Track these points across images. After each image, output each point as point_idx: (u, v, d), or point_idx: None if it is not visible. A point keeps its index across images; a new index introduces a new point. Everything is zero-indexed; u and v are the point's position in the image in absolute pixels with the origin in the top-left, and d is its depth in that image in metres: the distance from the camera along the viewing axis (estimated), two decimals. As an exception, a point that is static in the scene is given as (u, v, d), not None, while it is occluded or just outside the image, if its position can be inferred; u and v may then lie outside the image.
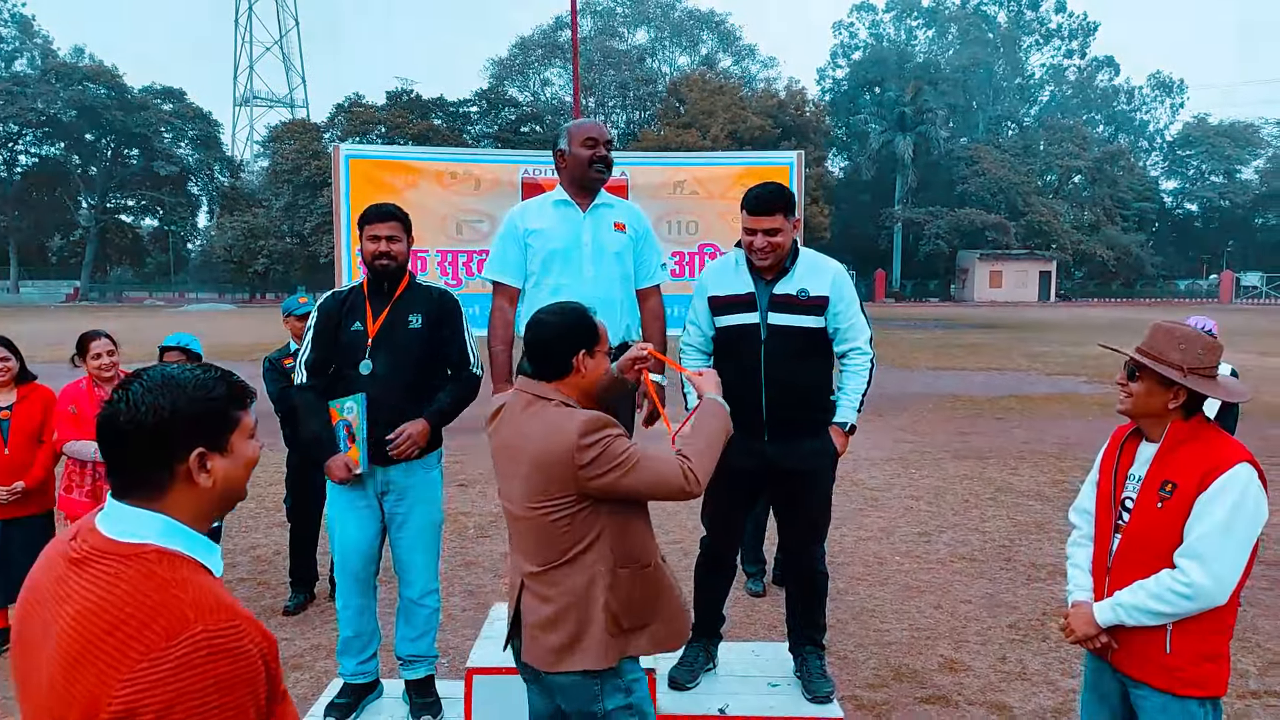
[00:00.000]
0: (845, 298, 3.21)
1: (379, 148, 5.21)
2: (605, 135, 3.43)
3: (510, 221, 3.49)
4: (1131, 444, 2.45)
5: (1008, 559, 5.66)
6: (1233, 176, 60.51)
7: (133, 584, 1.24)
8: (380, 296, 3.29)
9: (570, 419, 2.16)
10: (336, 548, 3.35)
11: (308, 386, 3.28)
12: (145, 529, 1.30)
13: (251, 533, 6.33)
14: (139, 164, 53.69)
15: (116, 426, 1.32)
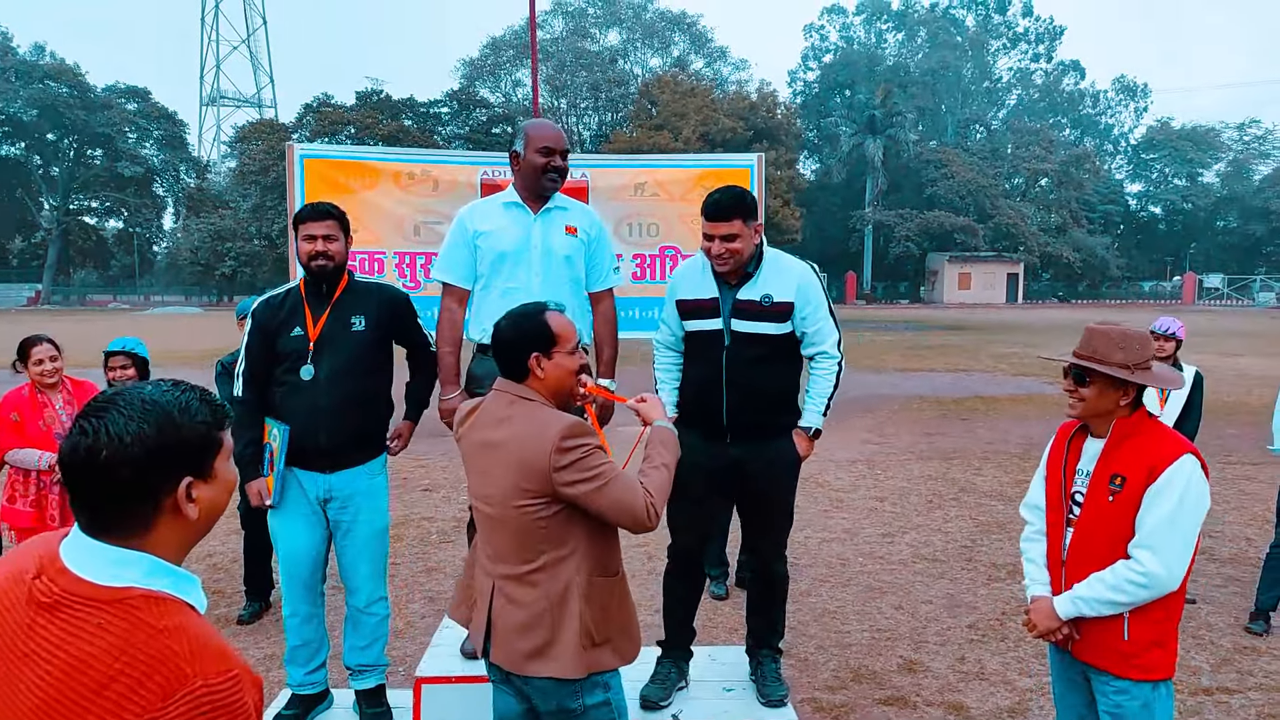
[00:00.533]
0: (812, 301, 3.17)
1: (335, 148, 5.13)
2: (562, 144, 3.37)
3: (460, 222, 3.44)
4: (1078, 440, 2.52)
5: (969, 559, 5.70)
6: (1195, 180, 61.66)
7: (121, 635, 1.12)
8: (319, 299, 3.22)
9: (555, 420, 2.19)
10: (281, 556, 3.29)
11: (244, 399, 3.21)
12: (129, 570, 1.18)
13: (208, 539, 6.22)
14: (102, 164, 52.79)
15: (95, 459, 1.17)
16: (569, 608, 2.20)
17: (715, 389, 3.09)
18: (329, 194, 4.52)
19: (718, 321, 3.12)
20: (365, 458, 3.27)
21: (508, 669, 2.26)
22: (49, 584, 1.17)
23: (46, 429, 4.06)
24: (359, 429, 3.24)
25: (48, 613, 1.15)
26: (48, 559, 1.20)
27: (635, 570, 3.27)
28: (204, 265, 49.30)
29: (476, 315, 3.42)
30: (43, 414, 4.08)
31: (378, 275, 4.63)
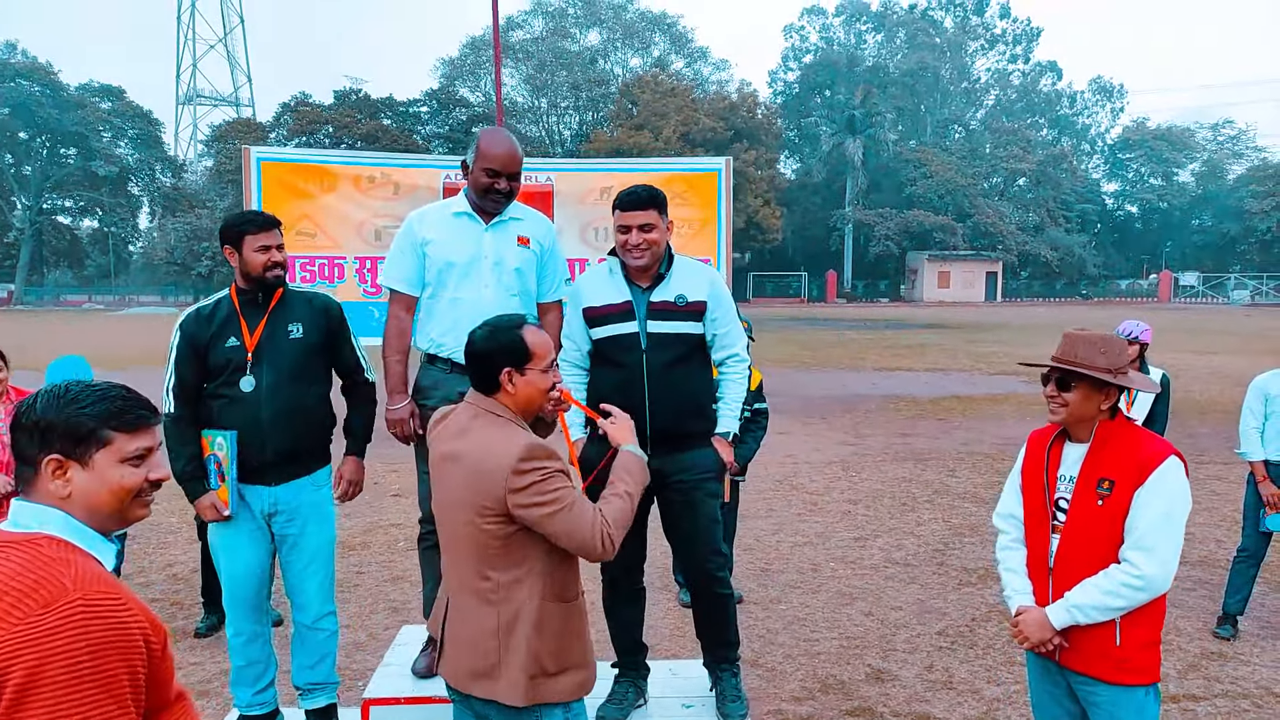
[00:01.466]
0: (723, 303, 3.12)
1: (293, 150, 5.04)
2: (511, 166, 3.24)
3: (408, 228, 3.34)
4: (1057, 446, 2.50)
5: (940, 563, 5.67)
6: (1170, 179, 62.26)
7: (19, 562, 1.33)
8: (255, 308, 3.13)
9: (514, 439, 2.13)
10: (224, 573, 3.19)
11: (176, 416, 3.07)
12: (43, 521, 1.42)
13: (170, 548, 6.11)
14: (76, 163, 52.14)
15: (11, 423, 1.47)
16: (517, 634, 2.15)
17: (637, 395, 2.97)
18: (287, 198, 4.43)
19: (633, 324, 3.02)
20: (311, 469, 3.19)
21: (453, 685, 2.21)
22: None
23: (-5, 442, 3.94)
24: (304, 439, 3.15)
25: None
26: None
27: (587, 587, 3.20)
28: (180, 265, 48.81)
29: (424, 324, 3.33)
30: (-11, 424, 3.96)
31: (338, 280, 4.54)
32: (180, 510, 6.98)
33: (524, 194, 4.69)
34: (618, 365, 3.03)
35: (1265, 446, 4.48)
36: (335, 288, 4.53)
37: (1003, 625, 4.64)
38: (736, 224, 30.88)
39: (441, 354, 3.27)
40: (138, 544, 6.07)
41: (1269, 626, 4.68)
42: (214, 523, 3.17)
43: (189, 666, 4.22)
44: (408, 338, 3.32)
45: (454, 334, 3.23)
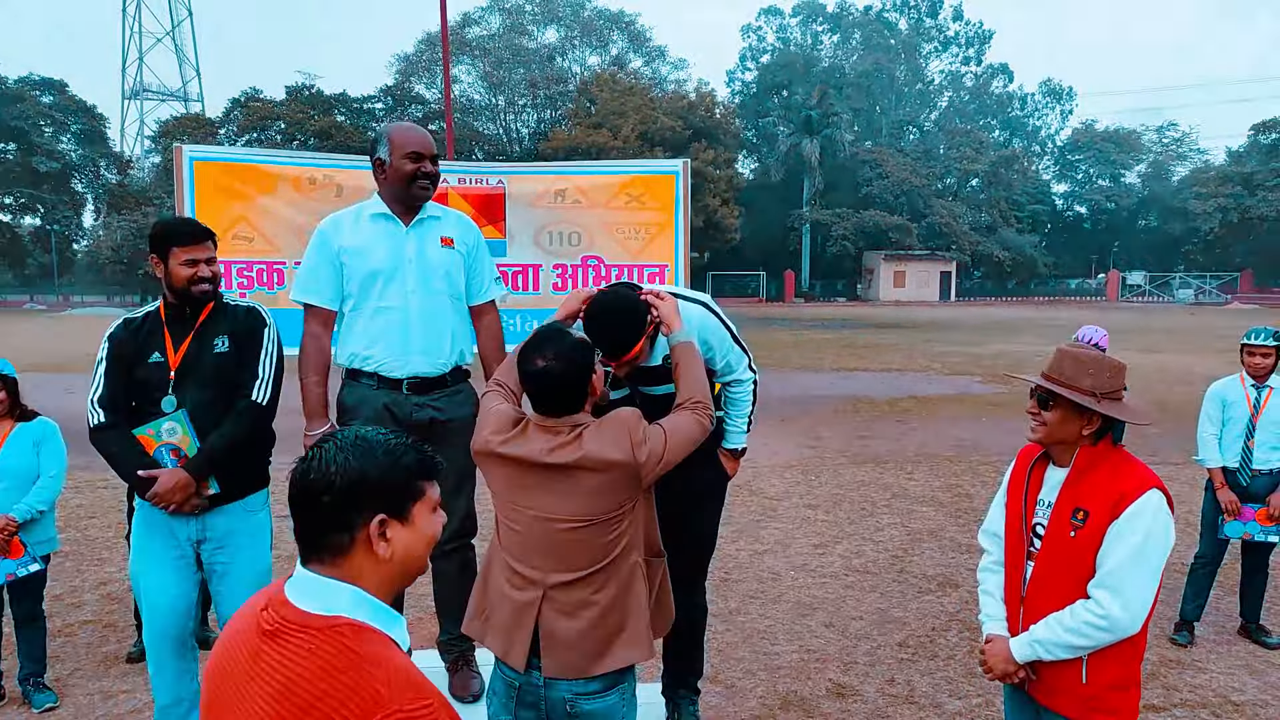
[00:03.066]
0: (714, 340, 2.96)
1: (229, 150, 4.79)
2: (431, 148, 3.12)
3: (321, 237, 3.15)
4: (1040, 467, 2.39)
5: (900, 570, 5.62)
6: (1117, 180, 63.66)
7: (327, 659, 1.22)
8: (182, 322, 2.93)
9: (621, 425, 2.21)
10: (145, 606, 2.97)
11: (108, 425, 2.87)
12: (336, 599, 1.29)
13: (105, 565, 5.83)
14: (15, 159, 50.46)
15: (305, 486, 1.32)
16: (636, 592, 2.22)
17: None
18: (222, 200, 4.22)
19: (623, 390, 2.94)
20: (242, 492, 2.99)
21: (570, 677, 2.16)
22: (273, 614, 1.29)
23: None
24: (235, 463, 2.95)
25: (270, 640, 1.27)
26: (275, 594, 1.32)
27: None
28: (126, 264, 47.46)
29: (345, 338, 3.16)
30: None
31: (278, 286, 4.33)
32: (115, 525, 6.69)
33: (475, 197, 4.57)
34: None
35: (1223, 453, 4.48)
36: (274, 294, 4.33)
37: (963, 635, 4.59)
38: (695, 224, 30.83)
39: (367, 368, 3.10)
40: (70, 561, 5.79)
41: (1225, 632, 4.69)
42: (136, 548, 2.96)
43: (120, 695, 3.99)
44: (327, 356, 3.14)
45: (381, 345, 3.08)
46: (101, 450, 2.89)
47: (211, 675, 1.35)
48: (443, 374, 3.13)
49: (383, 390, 3.08)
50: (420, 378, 3.10)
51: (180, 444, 2.87)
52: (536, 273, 4.68)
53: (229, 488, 2.96)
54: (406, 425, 3.08)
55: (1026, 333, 27.66)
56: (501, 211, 4.58)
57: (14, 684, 3.95)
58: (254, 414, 2.96)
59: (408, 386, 3.10)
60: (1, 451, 3.71)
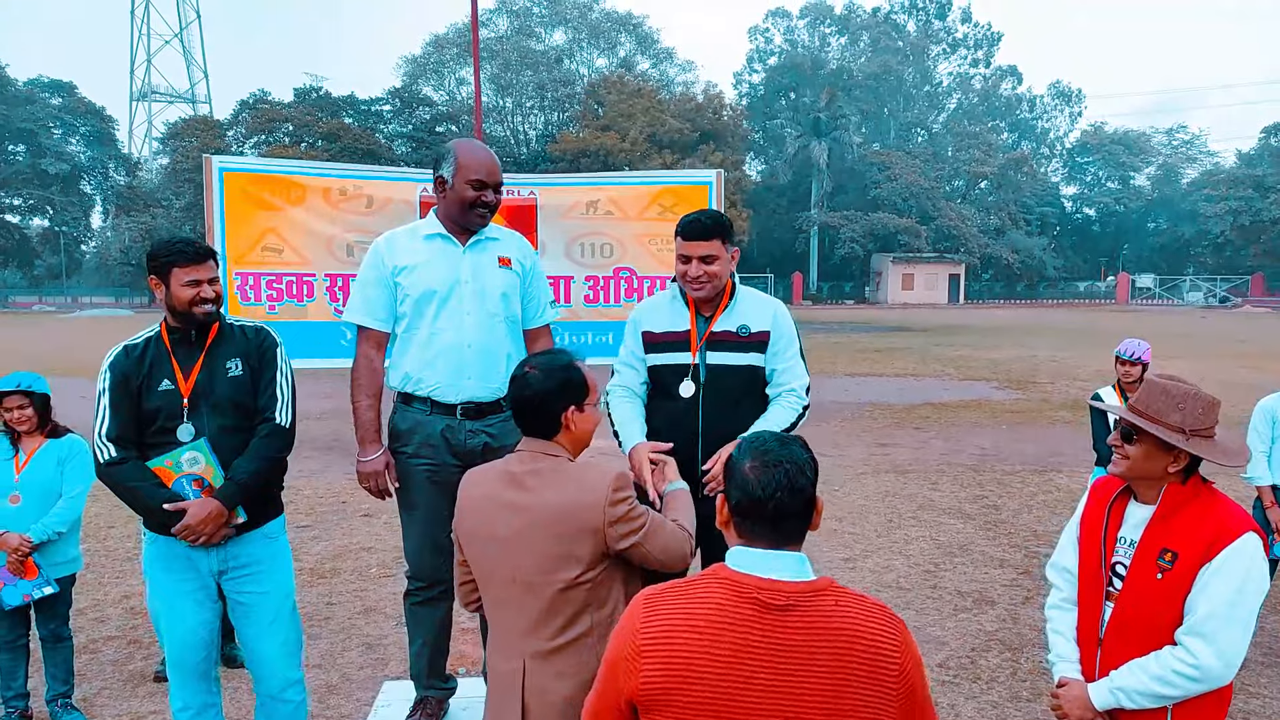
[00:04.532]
0: (786, 335, 2.95)
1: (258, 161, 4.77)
2: (496, 176, 3.03)
3: (375, 256, 3.07)
4: (1121, 502, 2.27)
5: (933, 585, 5.52)
6: (1127, 183, 63.50)
7: (856, 608, 1.52)
8: (188, 346, 2.80)
9: (602, 474, 2.08)
10: (168, 642, 2.86)
11: (119, 460, 2.72)
12: (804, 568, 1.56)
13: (126, 578, 5.76)
14: (25, 161, 50.67)
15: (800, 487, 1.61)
16: None
17: (689, 430, 2.82)
18: (252, 211, 4.16)
19: (687, 355, 2.86)
20: (262, 519, 2.89)
21: None
22: (770, 593, 1.50)
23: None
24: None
25: (784, 613, 1.48)
26: (728, 579, 1.54)
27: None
28: (135, 265, 47.64)
29: (397, 360, 3.08)
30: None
31: (307, 299, 4.28)
32: (136, 534, 6.62)
33: (506, 208, 4.48)
34: (671, 397, 2.85)
35: (1273, 470, 4.37)
36: (304, 307, 4.27)
37: (1004, 656, 4.49)
38: (704, 226, 30.69)
39: (420, 392, 3.01)
40: (91, 573, 5.71)
41: (1272, 654, 4.59)
42: (154, 581, 2.85)
43: (149, 716, 3.91)
44: (380, 378, 3.05)
45: (434, 369, 2.99)
46: (117, 486, 2.74)
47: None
48: (497, 399, 3.05)
49: (437, 415, 3.00)
50: (474, 403, 3.03)
51: (204, 474, 2.75)
52: (568, 285, 4.61)
53: (251, 515, 2.87)
54: (459, 453, 3.01)
55: (1039, 336, 27.54)
56: (533, 223, 4.52)
57: (42, 704, 3.88)
58: (280, 438, 2.87)
59: (461, 412, 3.02)
60: (27, 468, 3.63)
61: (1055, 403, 13.53)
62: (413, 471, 3.06)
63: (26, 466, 3.62)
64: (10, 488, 3.57)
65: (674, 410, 2.85)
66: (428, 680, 3.25)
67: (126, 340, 2.86)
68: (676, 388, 2.85)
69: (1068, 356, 20.83)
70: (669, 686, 1.48)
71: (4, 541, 3.50)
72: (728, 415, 2.84)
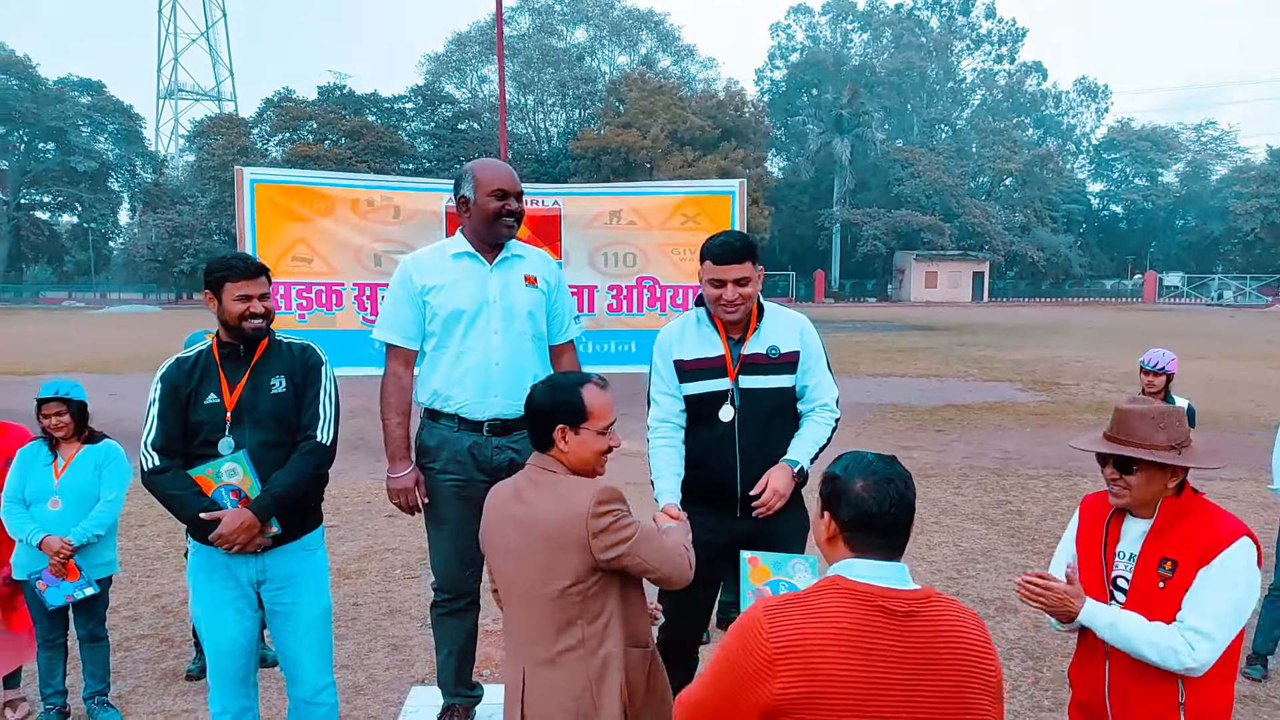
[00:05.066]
0: (814, 352, 2.99)
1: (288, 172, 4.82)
2: (516, 186, 3.08)
3: (404, 275, 3.12)
4: (1117, 519, 2.37)
5: (956, 593, 5.52)
6: (1154, 179, 62.66)
7: (963, 616, 1.68)
8: (236, 361, 2.87)
9: (584, 487, 2.13)
10: (208, 648, 2.95)
11: (163, 468, 2.79)
12: (908, 576, 1.69)
13: (158, 576, 5.88)
14: (55, 158, 51.43)
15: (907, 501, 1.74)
16: (609, 681, 2.10)
17: (727, 455, 2.85)
18: (282, 221, 4.23)
19: (725, 381, 2.87)
20: (301, 532, 2.96)
21: None
22: (894, 601, 1.61)
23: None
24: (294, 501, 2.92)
25: (909, 619, 1.60)
26: (851, 588, 1.64)
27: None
28: (162, 262, 48.24)
29: (425, 377, 3.12)
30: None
31: (336, 308, 4.34)
32: (167, 533, 6.75)
33: (531, 218, 4.53)
34: (708, 424, 2.86)
35: (1299, 484, 4.35)
36: (333, 315, 4.34)
37: (1026, 664, 4.50)
38: (726, 225, 30.65)
39: (447, 409, 3.07)
40: (124, 571, 5.81)
41: (1298, 665, 4.56)
42: (196, 590, 2.93)
43: (181, 715, 4.01)
44: (409, 396, 3.11)
45: (462, 387, 3.04)
46: (159, 493, 2.82)
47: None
48: (522, 415, 3.10)
49: (464, 432, 3.06)
50: (501, 419, 3.08)
51: (241, 485, 2.82)
52: (592, 294, 4.65)
53: (289, 528, 2.94)
54: (486, 468, 3.06)
55: (1064, 336, 27.29)
56: (557, 232, 4.56)
57: (79, 701, 3.98)
58: (320, 455, 2.92)
59: (488, 428, 3.07)
60: (65, 474, 3.73)
61: (1080, 405, 13.42)
62: (441, 487, 3.12)
63: (65, 471, 3.72)
64: (50, 492, 3.67)
65: (711, 437, 2.87)
66: (455, 688, 3.31)
67: (179, 354, 2.95)
68: (713, 414, 2.86)
69: (1093, 357, 20.64)
70: (812, 691, 1.55)
71: (46, 545, 3.60)
72: (763, 438, 2.87)
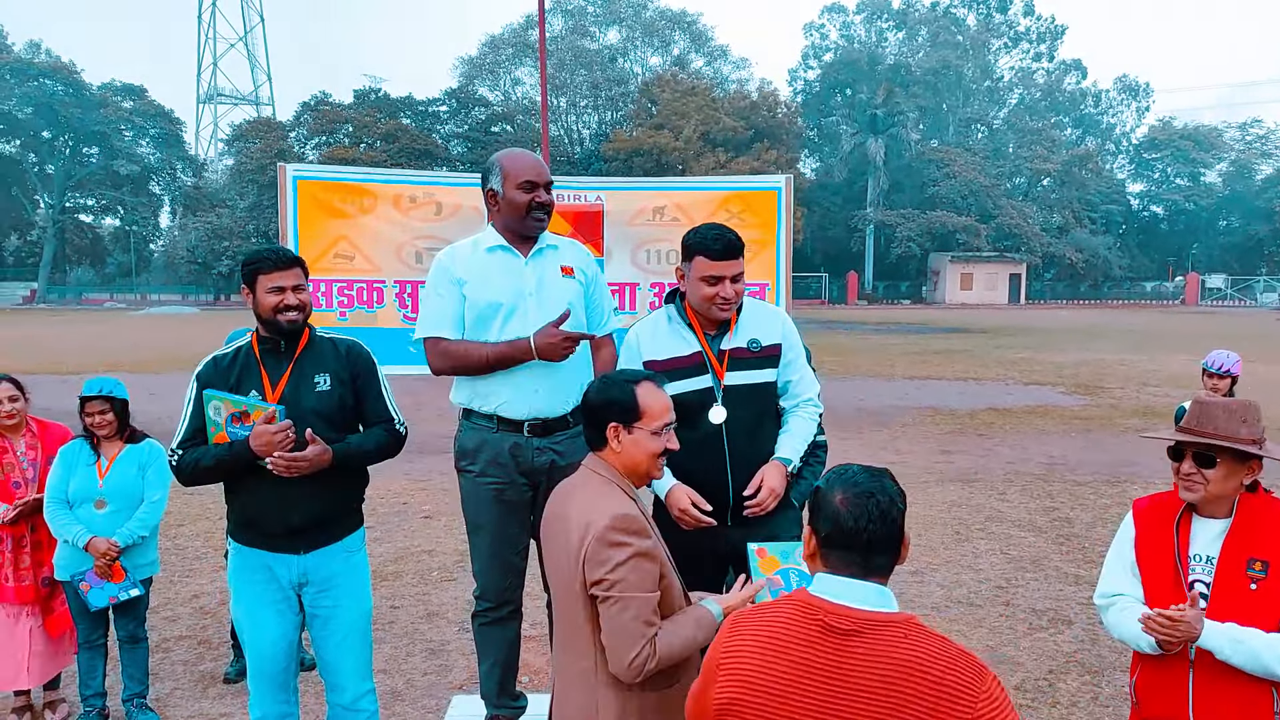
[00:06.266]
0: (795, 346, 2.88)
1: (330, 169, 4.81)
2: (545, 176, 2.98)
3: (440, 271, 3.04)
4: (1185, 522, 2.29)
5: (1006, 603, 5.35)
6: (1197, 180, 61.28)
7: (922, 642, 1.53)
8: (277, 357, 2.80)
9: (608, 504, 2.01)
10: (250, 651, 2.89)
11: (180, 455, 2.78)
12: (886, 601, 1.59)
13: (196, 577, 5.87)
14: (98, 162, 52.40)
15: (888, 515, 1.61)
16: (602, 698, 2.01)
17: (716, 458, 2.70)
18: (324, 218, 4.18)
19: (705, 378, 2.73)
20: (342, 533, 2.90)
21: None
22: (837, 618, 1.55)
23: (4, 476, 3.71)
24: (334, 502, 2.85)
25: (848, 637, 1.53)
26: (805, 602, 1.60)
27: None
28: (201, 264, 49.00)
29: (463, 377, 3.03)
30: (1, 460, 3.72)
31: (377, 305, 4.29)
32: (205, 533, 6.76)
33: (573, 214, 4.45)
34: (691, 426, 2.67)
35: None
36: (374, 313, 4.29)
37: (1083, 679, 4.33)
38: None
39: (485, 409, 2.97)
40: (162, 571, 5.81)
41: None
42: (237, 592, 2.88)
43: (219, 718, 3.97)
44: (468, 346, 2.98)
45: (502, 384, 2.94)
46: (192, 472, 2.75)
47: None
48: (564, 414, 3.00)
49: (503, 432, 2.96)
50: (541, 419, 2.98)
51: (245, 410, 2.71)
52: (634, 291, 4.55)
53: (330, 529, 2.87)
54: (527, 471, 2.97)
55: (1105, 338, 26.75)
56: (599, 229, 4.46)
57: (117, 703, 3.95)
58: (397, 438, 2.94)
59: (528, 428, 2.98)
60: (109, 474, 3.70)
61: (1125, 409, 13.09)
62: (480, 490, 3.03)
63: (109, 472, 3.69)
64: (95, 493, 3.65)
65: (696, 440, 2.67)
66: (498, 699, 3.22)
67: (216, 352, 2.89)
68: (697, 415, 2.70)
69: (1137, 360, 20.18)
70: (735, 697, 1.58)
71: (93, 547, 3.58)
72: (752, 436, 2.76)
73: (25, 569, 3.71)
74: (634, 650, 1.91)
